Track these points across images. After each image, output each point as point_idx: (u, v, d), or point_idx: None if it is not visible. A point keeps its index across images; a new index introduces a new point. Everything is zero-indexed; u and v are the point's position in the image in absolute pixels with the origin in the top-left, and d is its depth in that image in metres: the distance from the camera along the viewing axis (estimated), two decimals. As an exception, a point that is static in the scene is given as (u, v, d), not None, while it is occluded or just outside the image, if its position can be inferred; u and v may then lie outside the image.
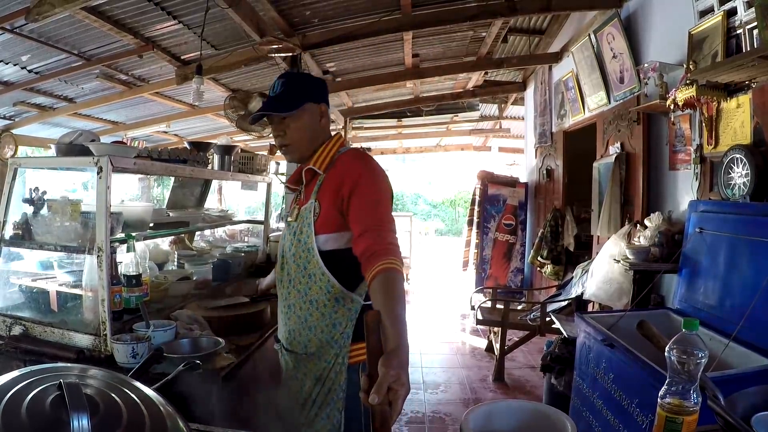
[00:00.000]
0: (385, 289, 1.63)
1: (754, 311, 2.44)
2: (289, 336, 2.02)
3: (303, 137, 2.02)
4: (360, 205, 1.86)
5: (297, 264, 1.96)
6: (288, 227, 2.06)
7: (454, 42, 7.00)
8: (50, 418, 0.99)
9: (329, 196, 1.92)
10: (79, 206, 2.48)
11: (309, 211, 1.95)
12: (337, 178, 1.93)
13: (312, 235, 1.92)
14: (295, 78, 2.08)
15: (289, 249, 2.00)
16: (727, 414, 1.21)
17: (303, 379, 1.95)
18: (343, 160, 2.00)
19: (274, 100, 2.01)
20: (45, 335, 2.30)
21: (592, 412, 3.00)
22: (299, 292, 1.97)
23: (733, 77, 2.99)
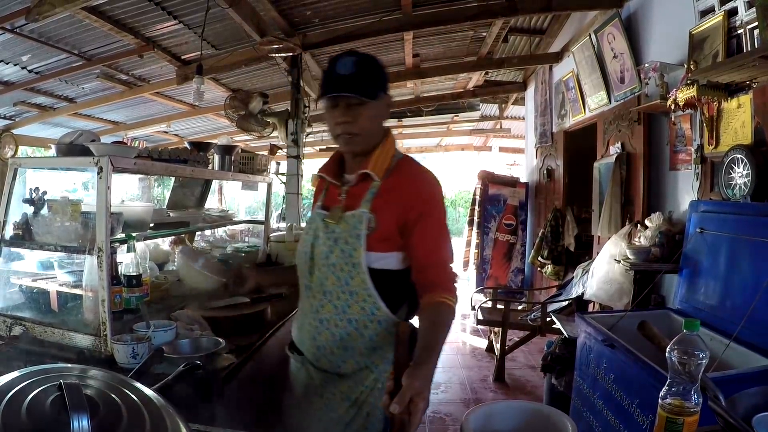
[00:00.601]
0: (437, 318, 1.66)
1: (754, 312, 2.44)
2: (317, 352, 1.84)
3: (372, 129, 1.81)
4: (430, 235, 1.78)
5: (337, 276, 1.78)
6: (324, 227, 1.83)
7: (455, 42, 7.00)
8: (50, 419, 0.99)
9: (391, 212, 1.76)
10: (80, 206, 2.47)
11: (360, 222, 1.75)
12: (402, 195, 1.78)
13: (361, 250, 1.74)
14: (368, 60, 1.80)
15: (326, 256, 1.79)
16: (728, 414, 1.21)
17: (331, 399, 1.82)
18: (406, 172, 1.84)
19: (347, 80, 1.72)
20: (45, 335, 2.29)
21: (592, 412, 3.00)
22: (336, 308, 1.79)
23: (733, 77, 2.99)
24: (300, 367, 1.92)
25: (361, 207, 1.77)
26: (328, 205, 1.88)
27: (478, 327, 6.87)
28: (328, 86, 1.74)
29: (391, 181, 1.80)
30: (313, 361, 1.86)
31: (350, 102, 1.73)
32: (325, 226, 1.82)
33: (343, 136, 1.78)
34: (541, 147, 7.65)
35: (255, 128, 5.57)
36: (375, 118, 1.81)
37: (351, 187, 1.85)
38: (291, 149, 5.57)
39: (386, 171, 1.82)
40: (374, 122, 1.81)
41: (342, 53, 1.78)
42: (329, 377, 1.82)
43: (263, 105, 5.57)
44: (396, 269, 1.81)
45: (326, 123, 1.85)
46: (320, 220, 1.84)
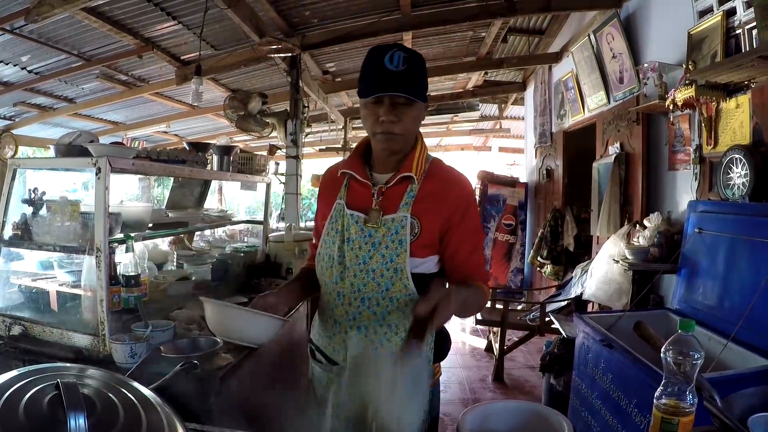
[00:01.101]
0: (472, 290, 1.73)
1: (753, 312, 2.44)
2: (355, 359, 1.71)
3: (413, 129, 1.74)
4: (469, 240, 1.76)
5: (377, 283, 1.69)
6: (359, 231, 1.72)
7: (454, 42, 7.01)
8: (47, 418, 0.99)
9: (436, 216, 1.71)
10: (78, 206, 2.47)
11: (402, 227, 1.68)
12: (446, 199, 1.73)
13: (405, 255, 1.67)
14: (417, 57, 1.68)
15: (364, 261, 1.70)
16: (723, 415, 1.22)
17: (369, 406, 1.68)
18: (441, 173, 1.79)
19: (398, 77, 1.61)
20: (44, 335, 2.29)
21: (590, 412, 3.00)
22: (375, 314, 1.71)
23: (732, 77, 2.99)
24: (332, 377, 1.80)
25: (401, 210, 1.70)
26: (353, 205, 1.76)
27: (477, 327, 6.87)
28: (376, 81, 1.64)
29: (430, 185, 1.74)
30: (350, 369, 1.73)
31: (397, 101, 1.64)
32: (360, 229, 1.72)
33: (384, 134, 1.68)
34: (541, 147, 7.65)
35: (254, 128, 5.58)
36: (417, 120, 1.74)
37: (387, 187, 1.75)
38: (290, 149, 5.58)
39: (423, 173, 1.76)
40: (416, 123, 1.74)
41: (387, 45, 1.67)
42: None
43: (262, 105, 5.58)
44: (430, 273, 1.76)
45: (362, 118, 1.74)
46: (354, 222, 1.73)
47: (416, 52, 1.69)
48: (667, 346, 1.20)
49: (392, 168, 1.77)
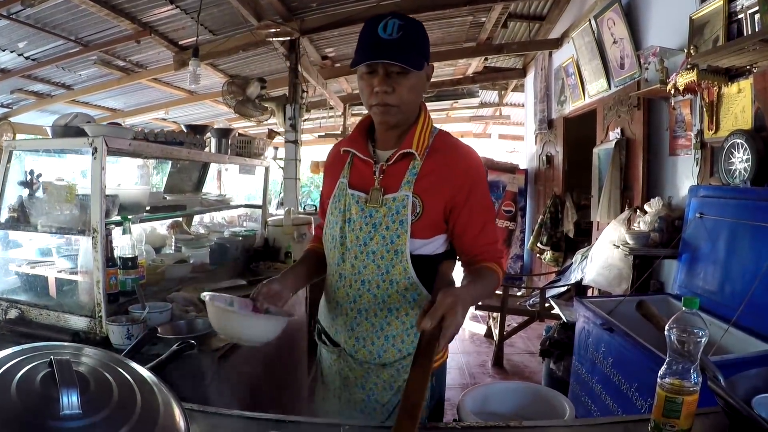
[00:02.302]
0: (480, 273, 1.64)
1: (753, 297, 2.44)
2: (356, 344, 1.70)
3: (412, 99, 1.63)
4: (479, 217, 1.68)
5: (377, 265, 1.64)
6: (359, 211, 1.67)
7: (454, 27, 6.96)
8: (40, 395, 0.98)
9: (439, 195, 1.64)
10: (75, 188, 2.45)
11: (403, 206, 1.61)
12: (449, 175, 1.65)
13: (405, 237, 1.61)
14: (414, 24, 1.60)
15: (364, 242, 1.65)
16: (727, 395, 1.20)
17: (374, 389, 1.71)
18: (445, 149, 1.70)
19: (390, 45, 1.53)
20: (41, 318, 2.29)
21: (590, 396, 3.00)
22: (375, 297, 1.67)
23: (734, 62, 2.97)
24: (335, 360, 1.79)
25: (402, 189, 1.62)
26: (356, 184, 1.70)
27: (476, 312, 6.87)
28: (368, 50, 1.56)
29: (434, 161, 1.66)
30: (351, 352, 1.72)
31: (391, 70, 1.55)
32: (361, 209, 1.66)
33: (379, 106, 1.60)
34: (541, 133, 7.62)
35: (253, 113, 5.55)
36: (416, 90, 1.63)
37: (388, 164, 1.67)
38: (289, 134, 5.55)
39: (425, 149, 1.67)
40: (414, 94, 1.63)
41: (384, 14, 1.58)
42: (370, 368, 1.70)
43: (261, 90, 5.55)
44: (437, 254, 1.71)
45: (359, 91, 1.66)
46: (355, 201, 1.68)
47: (414, 20, 1.61)
48: (671, 324, 1.18)
49: (394, 144, 1.70)
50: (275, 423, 1.39)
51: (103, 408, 1.00)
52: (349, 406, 1.74)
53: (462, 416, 1.67)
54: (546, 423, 1.47)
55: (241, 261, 3.71)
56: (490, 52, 7.70)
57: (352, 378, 1.73)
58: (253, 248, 3.92)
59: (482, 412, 1.66)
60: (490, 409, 1.71)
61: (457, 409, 1.70)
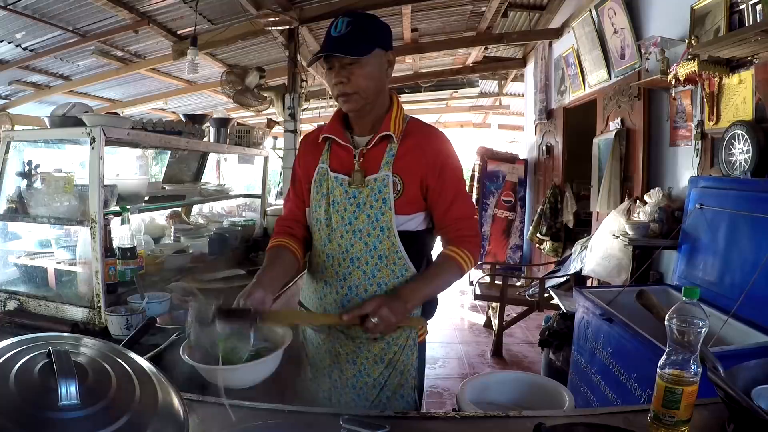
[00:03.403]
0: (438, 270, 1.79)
1: (753, 288, 2.43)
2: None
3: (368, 86, 1.74)
4: (451, 192, 1.80)
5: (364, 242, 1.75)
6: (343, 192, 1.78)
7: (454, 16, 6.93)
8: (38, 385, 0.97)
9: (415, 174, 1.76)
10: (73, 178, 2.45)
11: (385, 185, 1.73)
12: (422, 155, 1.77)
13: (390, 213, 1.73)
14: (362, 18, 1.75)
15: (350, 222, 1.76)
16: (727, 386, 1.20)
17: (365, 363, 1.81)
18: (418, 132, 1.84)
19: (338, 40, 1.68)
20: (40, 309, 2.29)
21: (589, 386, 3.00)
22: (365, 273, 1.77)
23: (735, 52, 2.96)
24: (326, 338, 1.87)
25: (382, 170, 1.74)
26: (337, 168, 1.81)
27: (476, 303, 6.88)
28: (320, 48, 1.72)
29: (409, 143, 1.78)
30: (343, 328, 1.81)
31: (343, 62, 1.69)
32: (345, 191, 1.77)
33: (340, 96, 1.74)
34: (541, 123, 7.60)
35: (252, 103, 5.53)
36: (372, 76, 1.74)
37: (368, 148, 1.79)
38: (288, 123, 5.53)
39: (401, 132, 1.80)
40: (371, 80, 1.74)
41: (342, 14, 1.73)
42: (361, 342, 1.81)
43: (260, 80, 5.53)
44: (420, 230, 1.83)
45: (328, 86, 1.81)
46: (338, 184, 1.78)
47: (365, 15, 1.79)
48: (671, 314, 1.18)
49: (370, 130, 1.81)
50: (274, 412, 1.39)
51: (101, 398, 1.00)
52: (340, 383, 1.83)
53: (461, 406, 1.67)
54: (545, 413, 1.47)
55: (240, 251, 3.72)
56: (490, 42, 7.66)
57: (344, 354, 1.82)
58: (252, 238, 3.93)
59: (481, 402, 1.66)
60: (490, 399, 1.71)
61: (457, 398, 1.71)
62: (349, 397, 1.81)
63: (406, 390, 1.82)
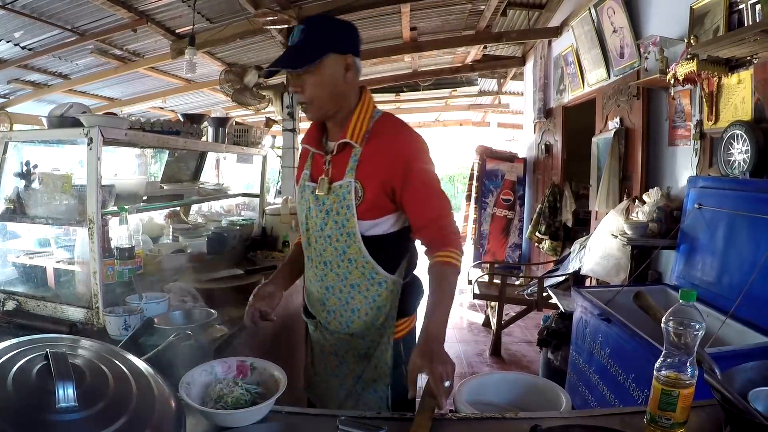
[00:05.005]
0: (438, 281, 1.71)
1: (752, 288, 2.44)
2: (328, 316, 1.90)
3: (322, 94, 1.74)
4: (418, 195, 1.76)
5: (334, 248, 1.80)
6: (314, 200, 1.82)
7: (453, 15, 6.92)
8: (36, 388, 0.98)
9: (375, 179, 1.73)
10: (71, 179, 2.44)
11: (348, 192, 1.74)
12: (383, 159, 1.74)
13: (354, 220, 1.74)
14: (316, 24, 1.75)
15: (320, 228, 1.81)
16: (723, 388, 1.20)
17: (345, 356, 1.90)
18: (383, 133, 1.79)
19: (291, 51, 1.70)
20: (38, 309, 2.28)
21: (588, 386, 3.01)
22: (338, 275, 1.83)
23: (734, 52, 2.96)
24: (314, 330, 1.99)
25: (346, 176, 1.74)
26: (314, 175, 1.85)
27: (474, 302, 6.88)
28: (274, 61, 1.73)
29: (371, 146, 1.76)
30: (325, 324, 1.92)
31: (297, 72, 1.71)
32: (315, 198, 1.81)
33: (300, 105, 1.78)
34: (540, 122, 7.60)
35: (250, 102, 5.52)
36: (324, 84, 1.73)
37: (334, 155, 1.81)
38: (287, 123, 5.53)
39: (365, 135, 1.78)
40: (324, 87, 1.73)
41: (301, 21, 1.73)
42: (342, 337, 1.88)
43: (258, 78, 5.52)
44: (390, 233, 1.82)
45: None
46: (310, 192, 1.84)
47: (321, 19, 1.80)
48: (668, 317, 1.18)
49: (338, 135, 1.80)
50: (272, 414, 1.39)
51: (99, 400, 1.00)
52: (327, 372, 1.94)
53: (458, 407, 1.68)
54: (542, 414, 1.47)
55: (239, 250, 3.71)
56: (489, 41, 7.66)
57: (328, 346, 1.92)
58: (251, 237, 3.92)
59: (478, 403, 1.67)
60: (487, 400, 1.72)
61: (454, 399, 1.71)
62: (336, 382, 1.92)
63: (379, 385, 1.85)
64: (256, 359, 1.57)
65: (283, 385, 1.43)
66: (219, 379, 1.48)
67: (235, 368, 1.53)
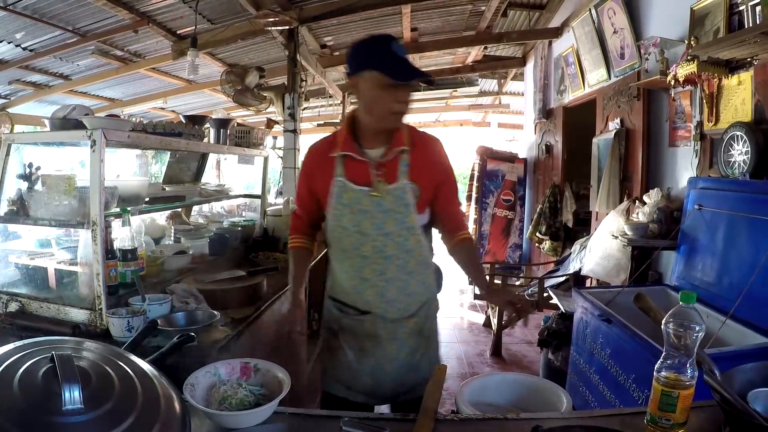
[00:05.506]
0: (473, 254, 2.26)
1: (751, 289, 2.44)
2: (388, 306, 2.07)
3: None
4: (450, 190, 2.13)
5: (396, 242, 2.00)
6: (370, 202, 1.96)
7: (453, 16, 6.93)
8: (42, 390, 0.99)
9: (427, 178, 2.01)
10: (74, 180, 2.45)
11: (406, 192, 1.96)
12: (432, 162, 2.05)
13: (414, 216, 1.98)
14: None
15: (379, 226, 1.98)
16: (723, 389, 1.21)
17: (404, 337, 2.10)
18: (422, 141, 2.07)
19: (412, 65, 1.95)
20: (41, 311, 2.29)
21: (588, 386, 3.01)
22: (398, 266, 2.04)
23: (734, 54, 2.97)
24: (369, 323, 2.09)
25: (401, 179, 1.96)
26: (356, 180, 1.98)
27: (475, 302, 6.90)
28: (404, 67, 1.88)
29: (418, 152, 2.01)
30: (383, 314, 2.07)
31: (411, 86, 1.92)
32: (372, 200, 1.96)
33: (398, 114, 1.93)
34: (540, 123, 7.60)
35: (252, 102, 5.53)
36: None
37: (383, 161, 1.98)
38: (288, 123, 5.54)
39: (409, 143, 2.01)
40: None
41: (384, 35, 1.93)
42: (398, 322, 2.08)
43: (260, 79, 5.53)
44: (427, 222, 2.13)
45: (373, 97, 1.91)
46: (364, 195, 1.96)
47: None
48: (668, 318, 1.19)
49: (382, 142, 2.00)
50: (276, 415, 1.40)
51: (104, 402, 1.01)
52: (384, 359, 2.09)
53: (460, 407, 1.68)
54: (543, 415, 1.48)
55: (241, 251, 3.72)
56: (490, 41, 7.67)
57: (385, 334, 2.08)
58: (253, 238, 3.93)
59: (480, 403, 1.67)
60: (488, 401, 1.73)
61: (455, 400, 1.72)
62: (391, 367, 2.09)
63: (433, 352, 2.20)
64: (260, 361, 1.58)
65: (286, 386, 1.44)
66: (223, 380, 1.49)
67: (239, 370, 1.54)
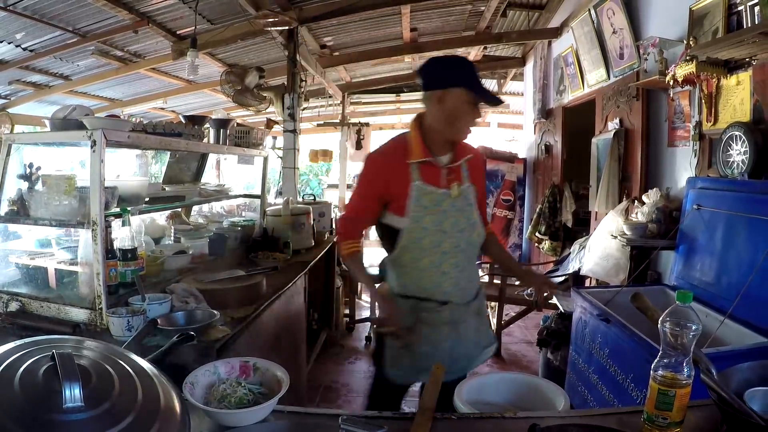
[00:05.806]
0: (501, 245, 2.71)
1: (750, 289, 2.45)
2: (461, 294, 2.29)
3: None
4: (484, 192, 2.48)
5: (465, 237, 2.25)
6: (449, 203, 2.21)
7: (453, 16, 6.93)
8: (43, 389, 0.99)
9: (479, 182, 2.38)
10: (74, 181, 2.45)
11: (470, 193, 2.28)
12: (478, 167, 2.40)
13: (476, 213, 2.31)
14: None
15: (456, 224, 2.21)
16: (720, 388, 1.22)
17: (471, 318, 2.35)
18: (469, 149, 2.36)
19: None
20: (41, 310, 2.30)
21: (587, 386, 3.02)
22: (467, 257, 2.30)
23: (733, 54, 2.97)
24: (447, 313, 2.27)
25: (465, 182, 2.27)
26: (432, 183, 2.19)
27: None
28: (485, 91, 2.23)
29: (473, 160, 2.34)
30: (458, 301, 2.28)
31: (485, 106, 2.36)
32: (450, 202, 2.21)
33: (471, 129, 2.21)
34: (540, 123, 7.61)
35: (251, 103, 5.53)
36: None
37: (451, 166, 2.24)
38: (287, 123, 5.54)
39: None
40: None
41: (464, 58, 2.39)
42: (467, 306, 2.33)
43: (259, 79, 5.53)
44: None
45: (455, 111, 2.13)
46: (444, 197, 2.20)
47: None
48: (665, 318, 1.20)
49: (448, 149, 2.26)
50: (275, 413, 1.41)
51: (105, 401, 1.02)
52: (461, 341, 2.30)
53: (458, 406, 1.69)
54: (540, 413, 1.48)
55: (240, 251, 3.73)
56: (489, 41, 7.67)
57: (459, 318, 2.29)
58: (252, 238, 3.93)
59: (478, 402, 1.68)
60: (486, 400, 1.73)
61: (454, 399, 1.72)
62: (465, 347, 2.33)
63: (487, 328, 2.52)
64: (259, 359, 1.58)
65: (285, 384, 1.44)
66: (222, 379, 1.50)
67: (238, 368, 1.55)
